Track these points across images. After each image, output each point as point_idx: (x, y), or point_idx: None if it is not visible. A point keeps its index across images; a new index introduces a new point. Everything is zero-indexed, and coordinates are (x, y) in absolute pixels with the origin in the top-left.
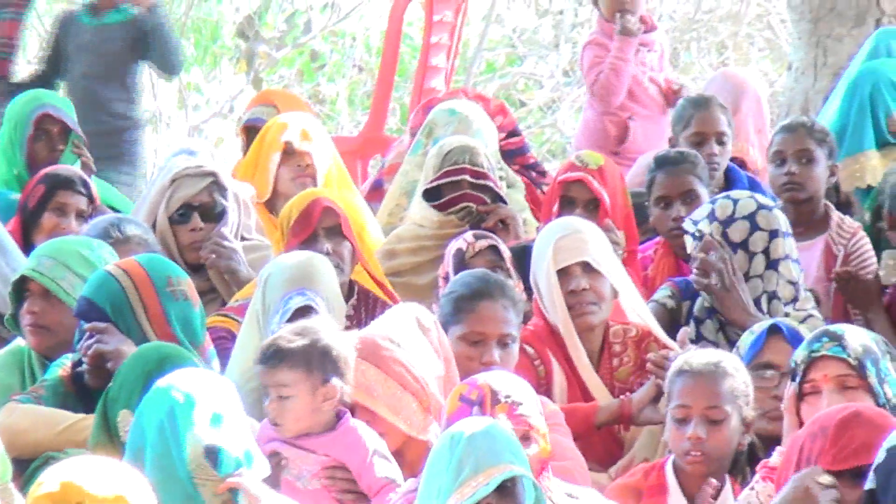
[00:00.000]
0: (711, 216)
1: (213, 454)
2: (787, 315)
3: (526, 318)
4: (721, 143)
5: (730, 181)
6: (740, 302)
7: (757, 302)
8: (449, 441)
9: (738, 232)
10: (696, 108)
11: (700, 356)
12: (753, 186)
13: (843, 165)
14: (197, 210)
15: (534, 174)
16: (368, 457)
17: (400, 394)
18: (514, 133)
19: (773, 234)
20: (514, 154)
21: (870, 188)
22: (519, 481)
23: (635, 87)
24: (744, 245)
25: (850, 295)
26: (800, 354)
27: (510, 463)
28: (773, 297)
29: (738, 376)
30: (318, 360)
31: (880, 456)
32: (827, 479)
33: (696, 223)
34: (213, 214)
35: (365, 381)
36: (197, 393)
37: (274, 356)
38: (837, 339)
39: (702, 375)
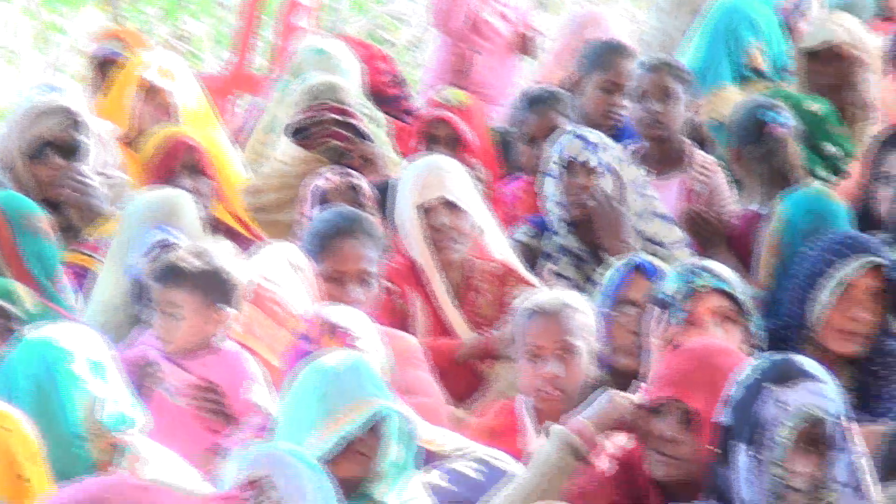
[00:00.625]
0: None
1: (102, 408)
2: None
3: (387, 254)
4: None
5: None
6: (620, 227)
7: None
8: (314, 375)
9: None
10: (618, 55)
11: (546, 295)
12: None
13: (703, 100)
14: (55, 146)
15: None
16: (246, 381)
17: (277, 333)
18: (396, 80)
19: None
20: (394, 100)
21: None
22: (386, 416)
23: (482, 23)
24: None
25: (696, 233)
26: (677, 287)
27: (376, 397)
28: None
29: (585, 311)
30: (212, 285)
31: (736, 391)
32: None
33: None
34: (72, 151)
35: (244, 320)
36: (75, 347)
37: (170, 275)
38: (714, 272)
39: (552, 313)
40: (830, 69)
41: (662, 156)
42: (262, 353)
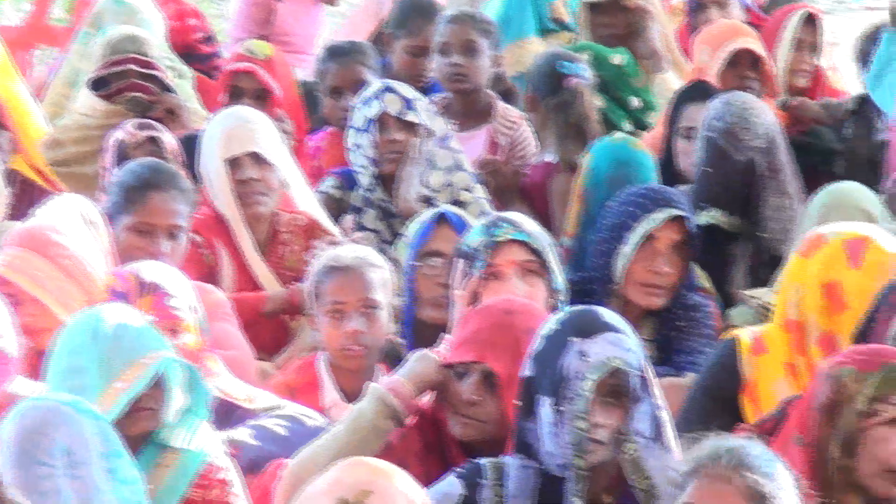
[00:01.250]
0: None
1: None
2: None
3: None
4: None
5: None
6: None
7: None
8: (87, 340)
9: None
10: (426, 18)
11: (345, 251)
12: None
13: (506, 52)
14: None
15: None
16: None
17: (67, 286)
18: (209, 38)
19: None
20: (207, 58)
21: None
22: (168, 368)
23: None
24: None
25: (493, 186)
26: (480, 239)
27: (154, 352)
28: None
29: (384, 266)
30: None
31: (539, 344)
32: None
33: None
34: None
35: (32, 271)
36: None
37: None
38: (517, 224)
39: (353, 269)
40: (615, 20)
41: (467, 108)
42: (51, 305)
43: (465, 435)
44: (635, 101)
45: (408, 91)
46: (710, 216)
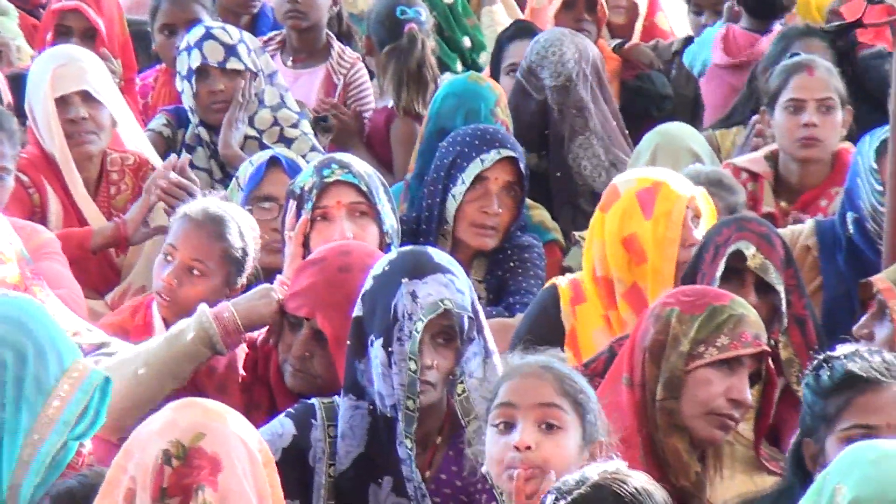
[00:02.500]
0: None
1: None
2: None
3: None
4: None
5: None
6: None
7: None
8: None
9: None
10: None
11: (199, 203)
12: None
13: None
14: None
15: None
16: None
17: None
18: None
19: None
20: None
21: None
22: None
23: None
24: None
25: (336, 128)
26: (309, 181)
27: None
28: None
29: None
30: None
31: (370, 285)
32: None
33: None
34: None
35: None
36: None
37: None
38: (346, 165)
39: (205, 224)
40: None
41: (304, 46)
42: None
43: (296, 386)
44: (467, 42)
45: (229, 35)
46: None
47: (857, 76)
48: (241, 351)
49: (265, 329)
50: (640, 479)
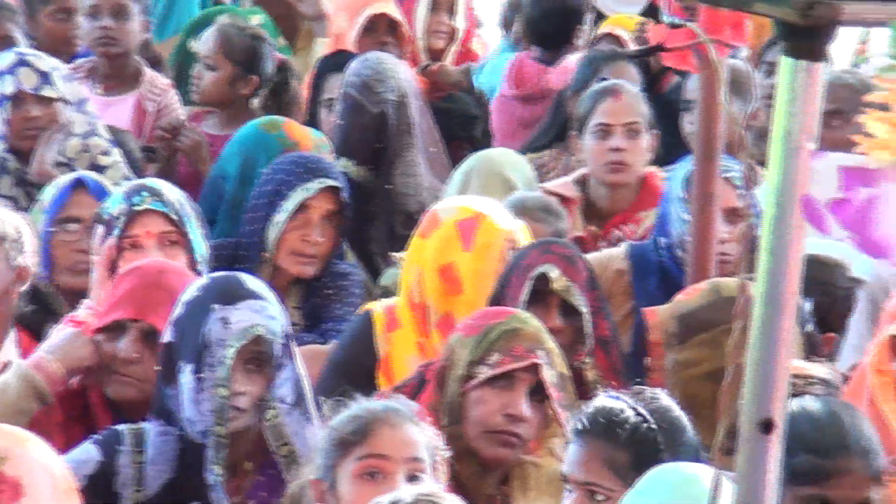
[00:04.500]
0: None
1: None
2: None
3: None
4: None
5: None
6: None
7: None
8: None
9: None
10: None
11: None
12: None
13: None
14: None
15: None
16: None
17: None
18: None
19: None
20: None
21: None
22: None
23: None
24: None
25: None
26: (119, 207)
27: None
28: None
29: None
30: None
31: (181, 309)
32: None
33: None
34: None
35: None
36: None
37: None
38: (157, 193)
39: None
40: None
41: (115, 73)
42: None
43: (124, 394)
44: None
45: (44, 62)
46: (340, 165)
47: (664, 100)
48: None
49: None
50: (452, 501)
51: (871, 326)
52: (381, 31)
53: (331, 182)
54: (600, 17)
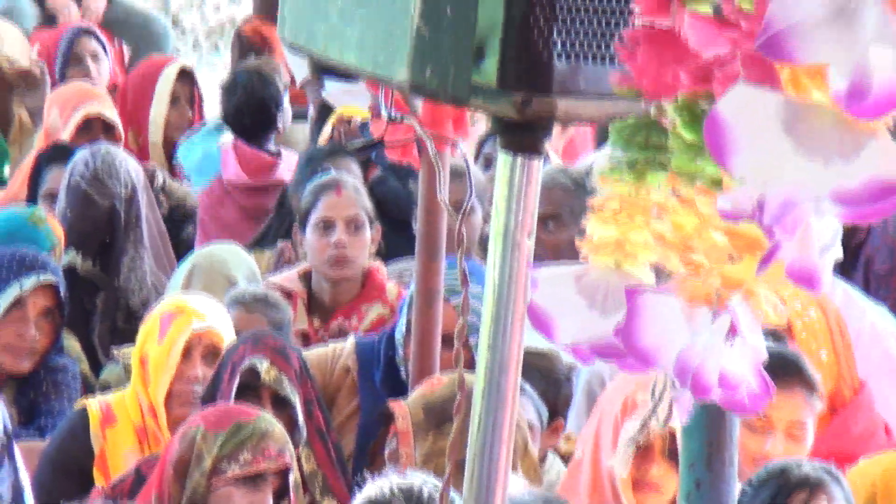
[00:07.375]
0: None
1: None
2: None
3: None
4: None
5: None
6: None
7: None
8: None
9: None
10: None
11: None
12: None
13: None
14: None
15: None
16: None
17: None
18: None
19: None
20: None
21: None
22: None
23: None
24: None
25: None
26: None
27: None
28: None
29: None
30: None
31: None
32: None
33: None
34: None
35: None
36: None
37: None
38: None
39: None
40: None
41: None
42: None
43: None
44: None
45: None
46: (67, 257)
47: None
48: None
49: None
50: None
51: (588, 411)
52: (96, 130)
53: (47, 278)
54: (327, 109)
